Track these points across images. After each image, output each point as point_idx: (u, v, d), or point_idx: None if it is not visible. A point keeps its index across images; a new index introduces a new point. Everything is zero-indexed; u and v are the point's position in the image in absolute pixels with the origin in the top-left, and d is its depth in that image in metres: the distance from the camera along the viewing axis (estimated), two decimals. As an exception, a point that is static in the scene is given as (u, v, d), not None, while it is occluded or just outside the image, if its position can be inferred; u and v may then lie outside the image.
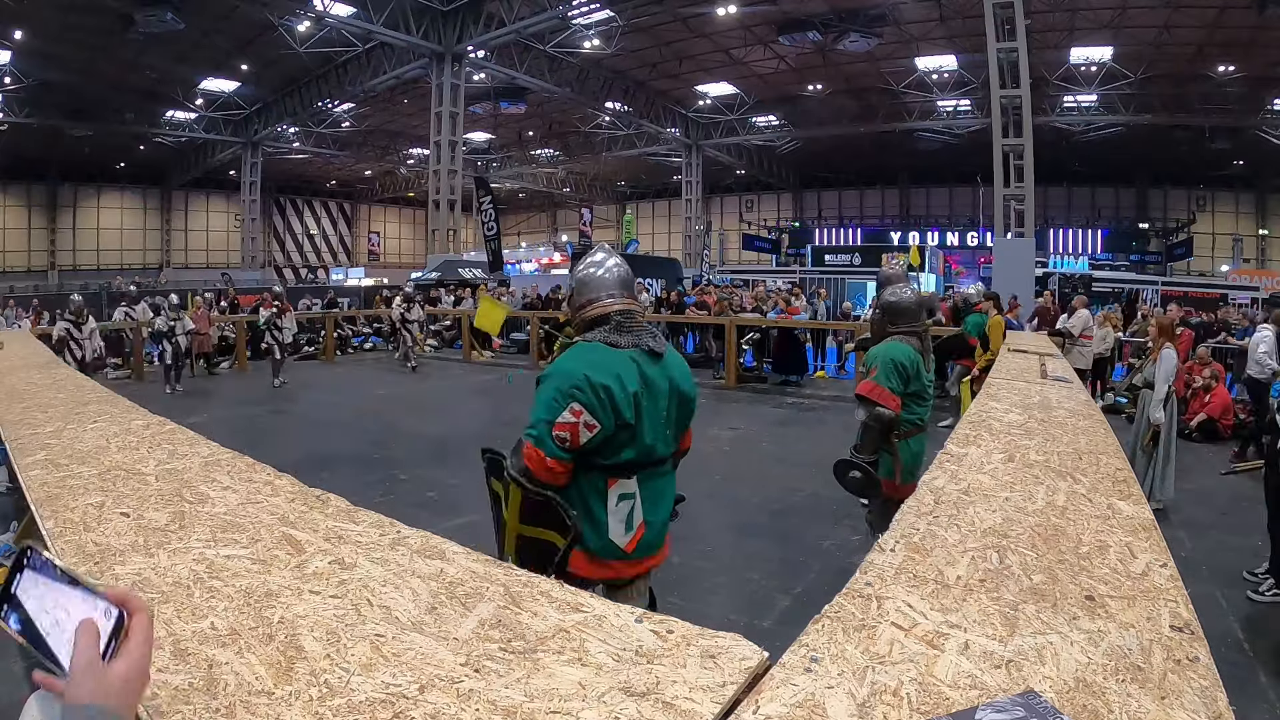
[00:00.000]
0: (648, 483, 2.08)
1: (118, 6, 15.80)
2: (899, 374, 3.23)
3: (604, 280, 2.15)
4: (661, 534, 2.15)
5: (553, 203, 39.96)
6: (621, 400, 1.95)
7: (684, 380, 2.18)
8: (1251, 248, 26.19)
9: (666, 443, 2.12)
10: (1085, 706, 0.94)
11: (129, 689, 0.65)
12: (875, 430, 3.24)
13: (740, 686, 0.98)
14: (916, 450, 3.39)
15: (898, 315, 3.45)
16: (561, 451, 1.94)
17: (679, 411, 2.17)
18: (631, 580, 2.09)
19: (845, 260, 24.70)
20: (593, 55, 20.31)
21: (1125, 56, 18.39)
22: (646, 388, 2.03)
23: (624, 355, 2.04)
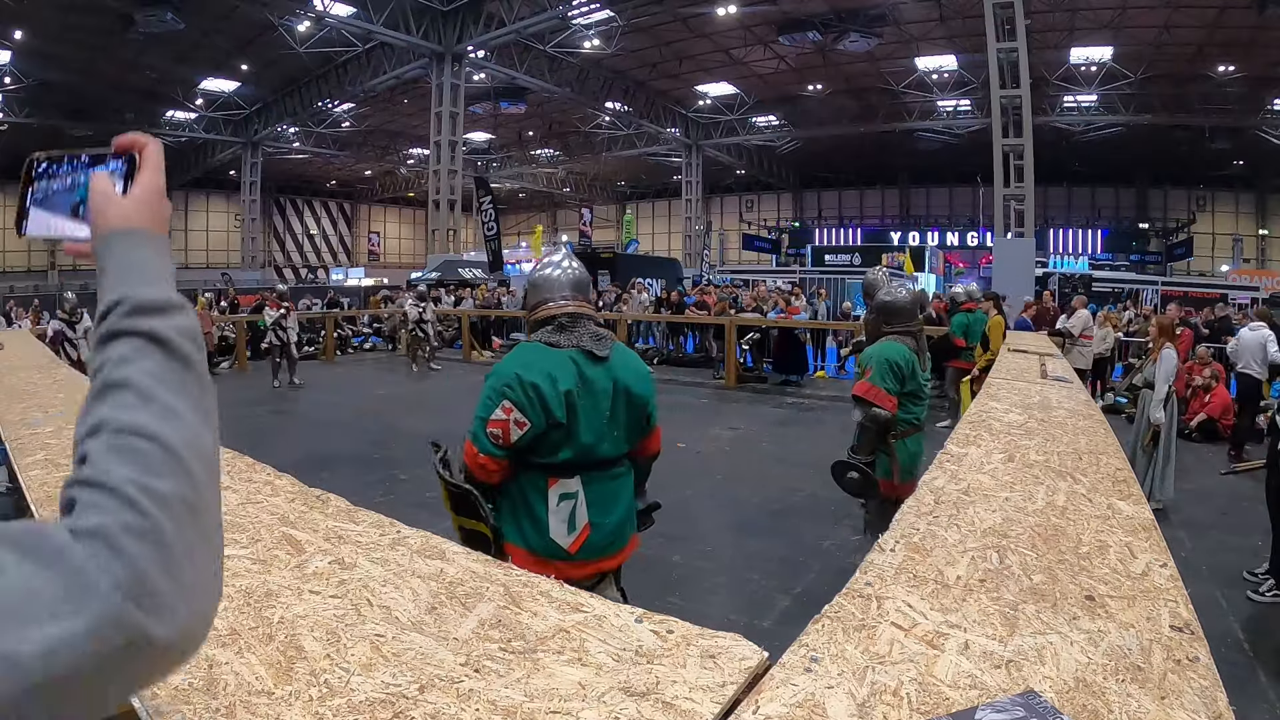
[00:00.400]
0: (594, 484, 2.08)
1: (118, 6, 15.80)
2: (894, 374, 3.24)
3: (557, 282, 2.18)
4: (615, 537, 2.14)
5: (553, 203, 39.96)
6: (552, 398, 1.98)
7: (635, 382, 2.16)
8: (1251, 248, 26.19)
9: (614, 444, 2.12)
10: (1085, 706, 0.94)
11: (149, 207, 0.61)
12: (872, 431, 3.26)
13: (740, 686, 0.98)
14: (914, 450, 3.39)
15: (893, 315, 3.45)
16: (495, 449, 1.99)
17: (628, 412, 2.15)
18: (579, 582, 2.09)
19: (845, 260, 24.70)
20: (593, 55, 20.31)
21: (1125, 56, 18.39)
22: (584, 387, 2.04)
23: (562, 355, 2.06)
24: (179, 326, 0.54)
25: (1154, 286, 19.52)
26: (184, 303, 0.56)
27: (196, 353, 0.54)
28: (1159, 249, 26.69)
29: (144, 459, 0.46)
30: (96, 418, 0.48)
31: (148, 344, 0.52)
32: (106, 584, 0.41)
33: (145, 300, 0.54)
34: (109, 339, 0.53)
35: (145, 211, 0.61)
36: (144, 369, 0.51)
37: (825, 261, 24.98)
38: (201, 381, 0.54)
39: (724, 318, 11.30)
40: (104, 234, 0.59)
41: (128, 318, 0.53)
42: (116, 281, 0.56)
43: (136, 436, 0.47)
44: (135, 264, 0.57)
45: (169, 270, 0.59)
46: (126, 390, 0.49)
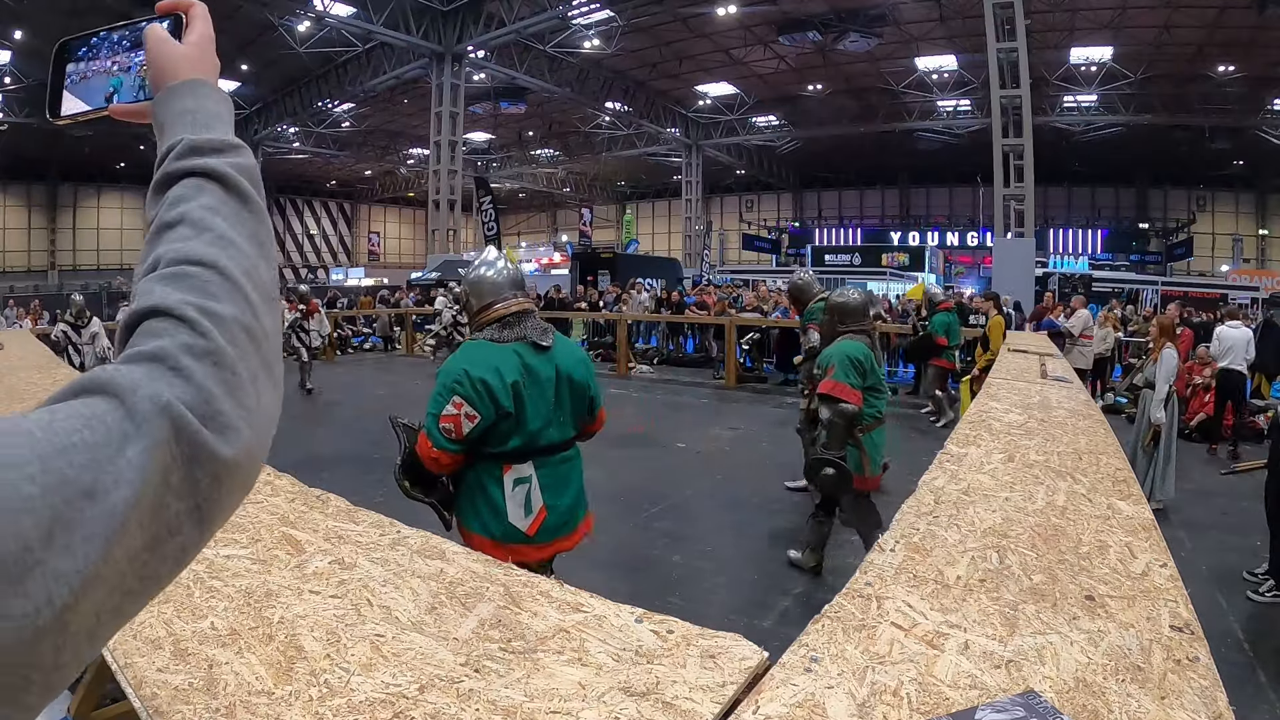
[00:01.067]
0: (546, 468, 2.23)
1: (118, 6, 15.79)
2: (856, 369, 3.40)
3: (496, 283, 2.28)
4: (569, 517, 2.27)
5: (553, 203, 39.95)
6: (499, 390, 2.10)
7: (575, 368, 2.30)
8: (1251, 248, 26.19)
9: (560, 428, 2.26)
10: (1085, 706, 0.94)
11: (207, 56, 0.60)
12: (840, 426, 3.39)
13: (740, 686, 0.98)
14: (879, 442, 3.57)
15: (846, 315, 3.62)
16: (448, 443, 2.11)
17: (571, 398, 2.29)
18: (538, 564, 2.16)
19: (845, 260, 24.71)
20: (593, 55, 20.31)
21: (1125, 56, 18.39)
22: (529, 376, 2.18)
23: (506, 349, 2.19)
24: (236, 164, 0.53)
25: (1154, 286, 19.52)
26: (242, 144, 0.55)
27: (254, 190, 0.53)
28: (1159, 249, 26.69)
29: (201, 283, 0.45)
30: (153, 257, 0.47)
31: (204, 180, 0.51)
32: (169, 399, 0.40)
33: (202, 141, 0.53)
34: (165, 184, 0.52)
35: (203, 61, 0.59)
36: (200, 204, 0.50)
37: (825, 261, 25.00)
38: (259, 216, 0.53)
39: (724, 318, 11.30)
40: (163, 87, 0.57)
41: (183, 158, 0.52)
42: (173, 129, 0.55)
43: (192, 264, 0.46)
44: (191, 110, 0.55)
45: (229, 114, 0.57)
46: (182, 226, 0.48)
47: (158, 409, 0.39)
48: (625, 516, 4.82)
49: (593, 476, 5.78)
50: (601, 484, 5.53)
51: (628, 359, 11.81)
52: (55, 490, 0.35)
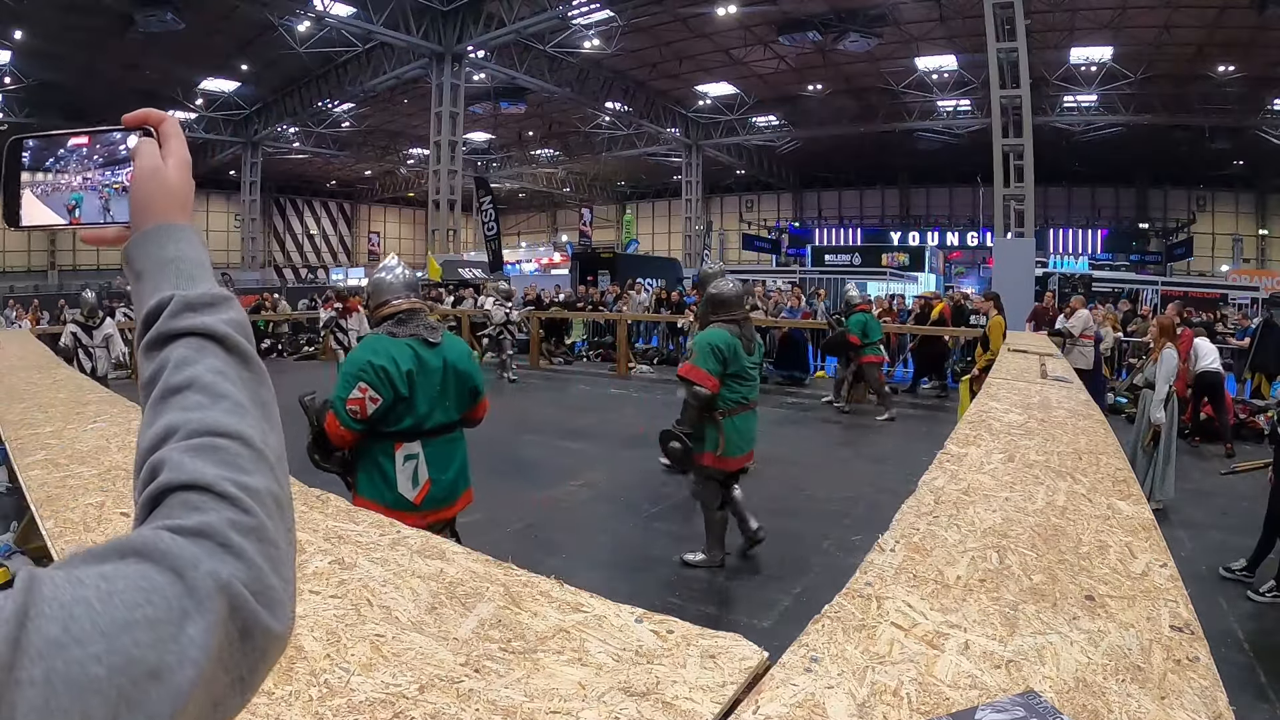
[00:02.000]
0: (432, 447, 2.58)
1: (118, 6, 15.79)
2: (716, 356, 3.62)
3: (392, 284, 2.67)
4: (451, 490, 2.65)
5: (553, 203, 39.93)
6: (396, 377, 2.46)
7: (460, 361, 2.67)
8: (1251, 248, 26.18)
9: (445, 412, 2.62)
10: (1085, 706, 0.94)
11: (186, 189, 0.58)
12: (694, 407, 3.65)
13: (740, 686, 0.98)
14: (742, 427, 3.79)
15: (719, 306, 3.86)
16: (353, 423, 2.45)
17: (456, 387, 2.65)
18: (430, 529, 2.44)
19: (845, 260, 24.70)
20: (593, 55, 20.30)
21: (1125, 56, 18.38)
22: (421, 366, 2.53)
23: (401, 343, 2.55)
24: (231, 321, 0.53)
25: (1154, 286, 19.50)
26: (230, 295, 0.55)
27: (251, 348, 0.54)
28: (1159, 249, 26.68)
29: (232, 457, 0.46)
30: (165, 423, 0.47)
31: (205, 342, 0.51)
32: (228, 577, 0.40)
33: (194, 297, 0.53)
34: (163, 342, 0.51)
35: (185, 198, 0.58)
36: (208, 367, 0.50)
37: (825, 261, 24.99)
38: (260, 376, 0.53)
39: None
40: (141, 228, 0.56)
41: (178, 317, 0.52)
42: (157, 279, 0.54)
43: (217, 436, 0.46)
44: (174, 259, 0.55)
45: (207, 260, 0.57)
46: (192, 391, 0.48)
47: (218, 586, 0.40)
48: (625, 516, 4.83)
49: (594, 477, 5.81)
50: (602, 484, 5.55)
51: (628, 359, 11.81)
52: (122, 671, 0.34)
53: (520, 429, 7.46)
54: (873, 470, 6.01)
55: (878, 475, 5.80)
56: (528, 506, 5.00)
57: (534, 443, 6.90)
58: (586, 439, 7.14)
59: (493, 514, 4.79)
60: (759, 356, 4.00)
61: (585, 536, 4.50)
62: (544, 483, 5.55)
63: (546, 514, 4.88)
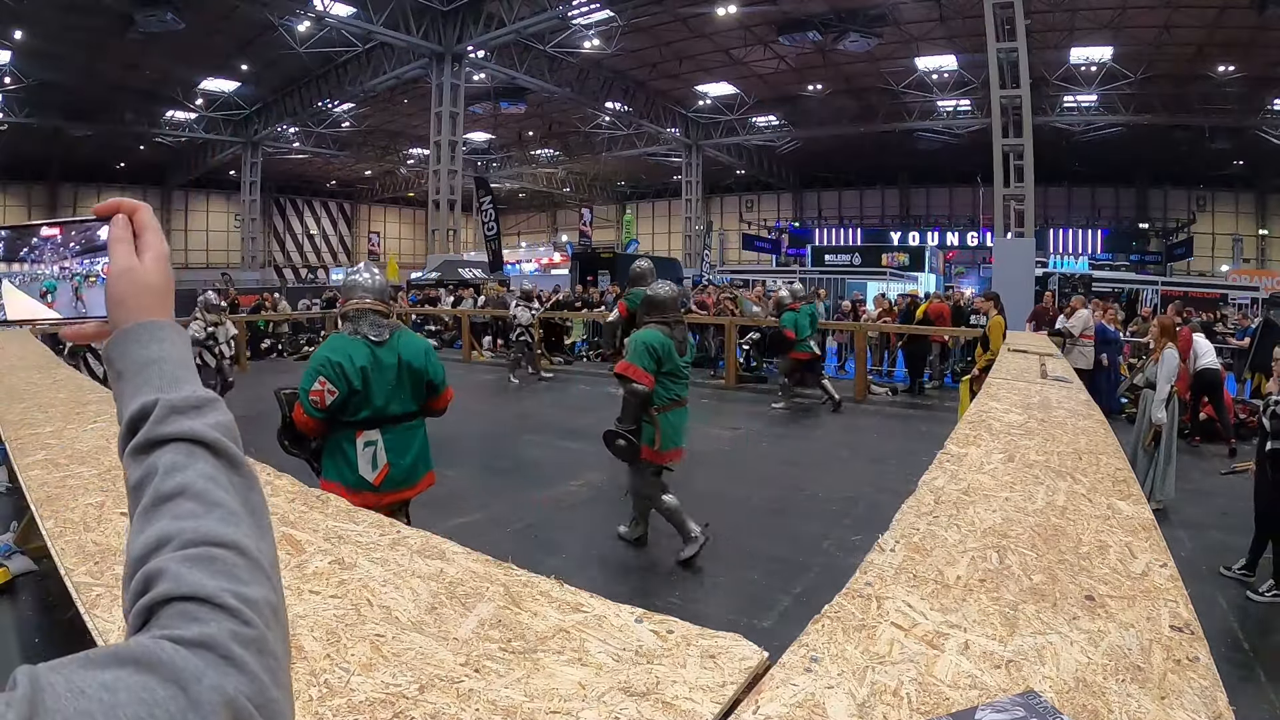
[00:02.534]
0: (391, 434, 2.85)
1: (118, 6, 15.79)
2: (650, 355, 3.79)
3: (363, 286, 2.95)
4: (409, 473, 2.91)
5: (553, 203, 39.93)
6: (351, 372, 2.74)
7: (415, 358, 2.92)
8: (1251, 248, 26.18)
9: (402, 404, 2.89)
10: (1085, 706, 0.94)
11: (165, 285, 0.57)
12: (633, 404, 3.81)
13: (740, 686, 0.98)
14: (675, 422, 3.97)
15: (654, 308, 4.01)
16: (315, 411, 2.74)
17: (411, 381, 2.91)
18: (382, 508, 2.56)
19: (845, 260, 24.69)
20: (593, 55, 20.30)
21: (1125, 56, 18.38)
22: (375, 363, 2.81)
23: (358, 341, 2.83)
24: (219, 424, 0.53)
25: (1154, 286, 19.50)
26: (215, 397, 0.55)
27: (238, 450, 0.53)
28: (1159, 249, 26.67)
29: (229, 567, 0.46)
30: (158, 532, 0.46)
31: (194, 447, 0.51)
32: (233, 692, 0.40)
33: (179, 401, 0.52)
34: (150, 447, 0.51)
35: (164, 293, 0.57)
36: (198, 473, 0.49)
37: (825, 261, 24.97)
38: (249, 480, 0.53)
39: (724, 318, 11.30)
40: (121, 327, 0.55)
41: (164, 423, 0.51)
42: (144, 381, 0.53)
43: (213, 546, 0.46)
44: (156, 360, 0.54)
45: (189, 358, 0.56)
46: (184, 499, 0.48)
47: (223, 701, 0.39)
48: (625, 516, 4.82)
49: (594, 477, 5.81)
50: (602, 484, 5.54)
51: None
52: None
53: (520, 429, 7.46)
54: (873, 470, 6.01)
55: (878, 475, 5.80)
56: (528, 506, 5.00)
57: (534, 443, 6.90)
58: (586, 439, 7.13)
59: (493, 514, 4.79)
60: (691, 357, 4.19)
61: (585, 536, 4.50)
62: (544, 483, 5.55)
63: (546, 514, 4.88)
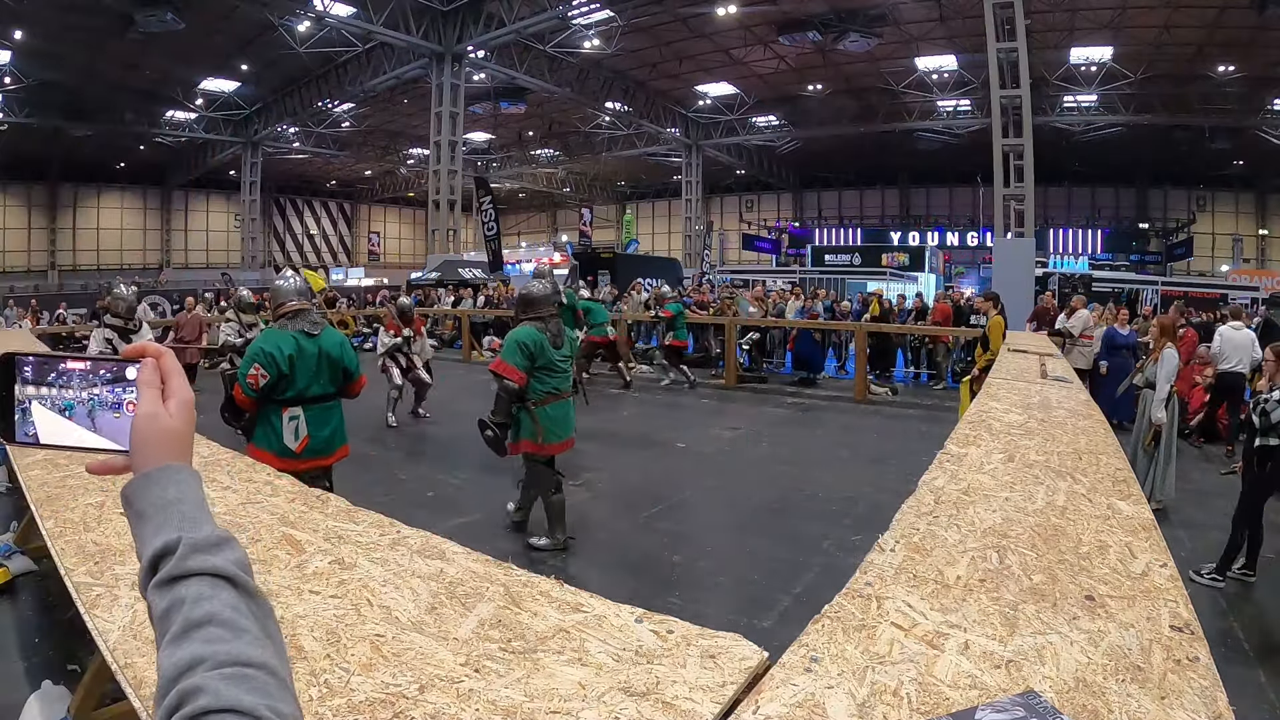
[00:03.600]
0: (311, 411, 3.45)
1: (118, 6, 15.79)
2: (522, 352, 3.99)
3: (288, 290, 3.55)
4: (327, 444, 3.54)
5: (553, 203, 39.94)
6: (280, 359, 3.33)
7: (332, 350, 3.52)
8: (1251, 248, 26.18)
9: (321, 386, 3.49)
10: (1085, 706, 0.94)
11: (188, 431, 0.64)
12: (505, 399, 4.04)
13: (740, 686, 0.98)
14: (556, 415, 4.14)
15: (528, 305, 4.21)
16: (250, 391, 3.34)
17: (329, 368, 3.50)
18: (303, 473, 3.05)
19: (845, 260, 24.69)
20: (593, 55, 20.30)
21: (1125, 56, 18.38)
22: (300, 353, 3.40)
23: (288, 334, 3.42)
24: (237, 560, 0.59)
25: (1154, 286, 19.50)
26: (231, 536, 0.61)
27: (254, 583, 0.59)
28: (1159, 249, 26.67)
29: (262, 685, 0.52)
30: (191, 654, 0.52)
31: (217, 580, 0.57)
32: None
33: (200, 540, 0.58)
34: (176, 580, 0.57)
35: (185, 438, 0.64)
36: (224, 603, 0.55)
37: (825, 261, 24.97)
38: (267, 610, 0.59)
39: (724, 318, 11.30)
40: (147, 467, 0.62)
41: (189, 559, 0.57)
42: (164, 521, 0.59)
43: (245, 667, 0.52)
44: (176, 501, 0.60)
45: (205, 500, 0.62)
46: (213, 626, 0.54)
47: None
48: (625, 516, 4.83)
49: (594, 477, 5.80)
50: (602, 484, 5.54)
51: (628, 359, 11.81)
52: None
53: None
54: (873, 470, 6.01)
55: (878, 475, 5.80)
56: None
57: (534, 443, 6.90)
58: (587, 439, 7.13)
59: (493, 514, 4.79)
60: (569, 350, 4.31)
61: (585, 536, 4.50)
62: (544, 483, 5.54)
63: (546, 514, 4.87)
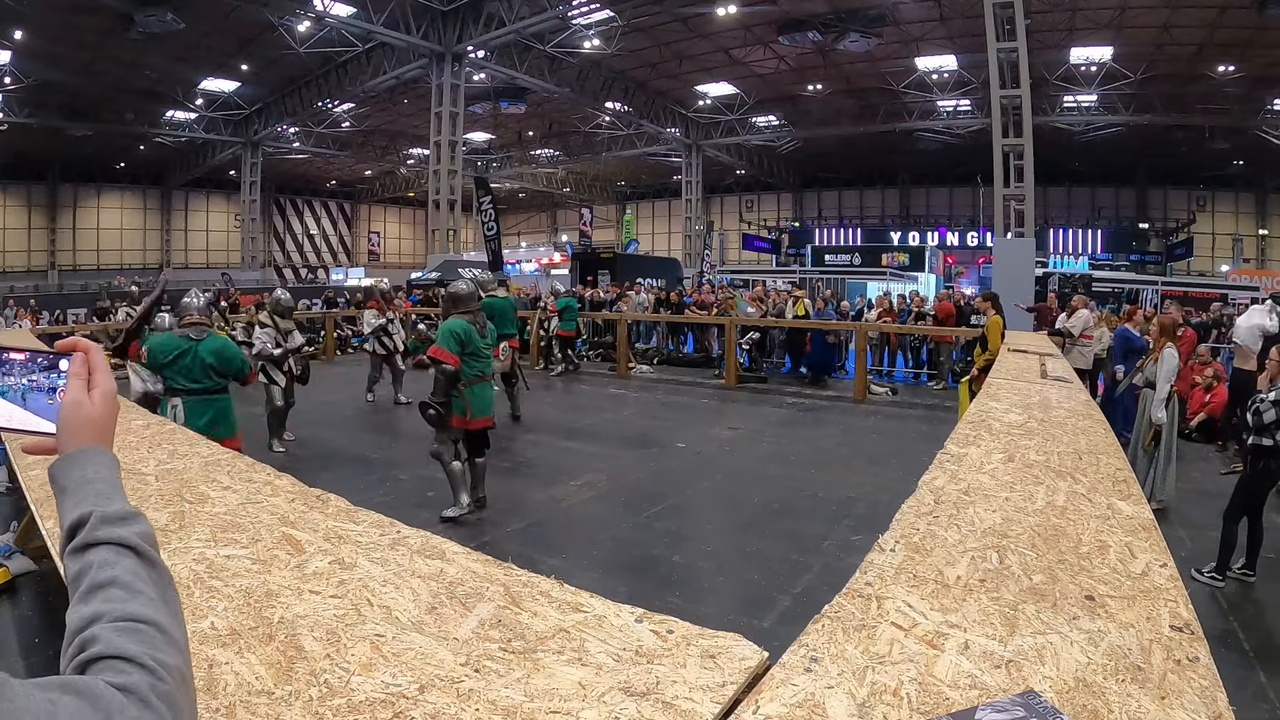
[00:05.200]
0: (188, 403, 4.05)
1: (118, 6, 15.78)
2: (455, 340, 4.58)
3: (195, 308, 4.23)
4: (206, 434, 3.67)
5: (553, 203, 39.94)
6: (165, 360, 4.07)
7: (206, 354, 4.11)
8: (1251, 248, 26.18)
9: (199, 383, 4.09)
10: (1085, 706, 0.94)
11: (110, 418, 0.72)
12: (443, 380, 4.57)
13: (740, 686, 0.99)
14: (480, 394, 4.73)
15: (456, 302, 4.82)
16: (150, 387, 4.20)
17: (201, 366, 4.09)
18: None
19: (845, 260, 24.69)
20: (593, 55, 20.29)
21: (1125, 56, 18.37)
22: (184, 354, 4.08)
23: (180, 340, 4.12)
24: (141, 533, 0.66)
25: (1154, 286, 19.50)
26: (138, 512, 0.68)
27: (157, 554, 0.66)
28: (1159, 249, 26.67)
29: (149, 638, 0.58)
30: (94, 609, 0.59)
31: (121, 549, 0.64)
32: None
33: (110, 514, 0.65)
34: (86, 548, 0.64)
35: (106, 425, 0.72)
36: (125, 569, 0.62)
37: (825, 261, 24.96)
38: (165, 576, 0.65)
39: (724, 318, 11.30)
40: (71, 449, 0.69)
41: (99, 529, 0.64)
42: (81, 497, 0.66)
43: (137, 622, 0.58)
44: (91, 480, 0.68)
45: (119, 480, 0.70)
46: (114, 587, 0.61)
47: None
48: (625, 516, 4.83)
49: (594, 477, 5.80)
50: (602, 484, 5.55)
51: (628, 359, 11.81)
52: None
53: (520, 429, 7.46)
54: (873, 470, 6.01)
55: (878, 475, 5.80)
56: (528, 506, 5.00)
57: (534, 443, 6.91)
58: (586, 439, 7.15)
59: (493, 514, 4.80)
60: (492, 339, 5.08)
61: (585, 536, 4.50)
62: (544, 483, 5.55)
63: (546, 514, 4.88)
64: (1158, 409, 5.01)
